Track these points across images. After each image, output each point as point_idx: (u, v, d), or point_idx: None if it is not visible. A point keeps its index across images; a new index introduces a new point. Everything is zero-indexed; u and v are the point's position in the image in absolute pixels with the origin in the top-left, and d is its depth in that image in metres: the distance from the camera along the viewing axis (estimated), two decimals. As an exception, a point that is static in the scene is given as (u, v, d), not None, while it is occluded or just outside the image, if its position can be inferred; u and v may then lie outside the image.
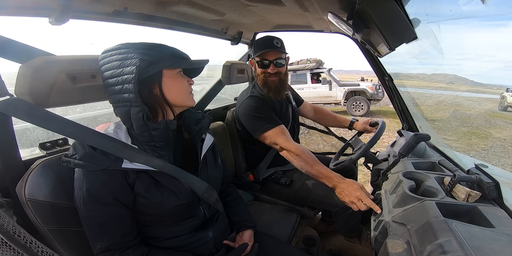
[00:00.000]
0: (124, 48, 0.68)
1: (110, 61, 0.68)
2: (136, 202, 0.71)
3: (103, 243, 0.67)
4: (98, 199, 0.66)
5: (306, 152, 1.22)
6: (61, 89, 0.67)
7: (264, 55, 1.32)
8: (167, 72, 0.72)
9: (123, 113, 0.69)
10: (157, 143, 0.73)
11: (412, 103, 1.58)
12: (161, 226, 0.77)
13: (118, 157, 0.67)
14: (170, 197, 0.73)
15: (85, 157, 0.64)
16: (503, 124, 7.75)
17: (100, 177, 0.65)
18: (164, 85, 0.72)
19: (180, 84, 0.75)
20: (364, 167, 1.44)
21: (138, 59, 0.65)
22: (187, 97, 0.78)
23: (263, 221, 1.24)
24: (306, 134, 5.29)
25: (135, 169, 0.68)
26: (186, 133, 0.87)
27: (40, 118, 0.62)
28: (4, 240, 0.32)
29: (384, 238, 0.70)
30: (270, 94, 1.37)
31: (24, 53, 0.66)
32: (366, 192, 1.02)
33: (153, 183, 0.72)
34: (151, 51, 0.68)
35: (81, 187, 0.65)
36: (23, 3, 0.71)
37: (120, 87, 0.66)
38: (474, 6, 0.74)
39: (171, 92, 0.73)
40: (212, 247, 0.84)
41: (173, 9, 1.13)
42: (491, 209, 0.67)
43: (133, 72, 0.64)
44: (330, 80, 8.63)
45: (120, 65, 0.66)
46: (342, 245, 1.53)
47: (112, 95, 0.69)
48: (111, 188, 0.66)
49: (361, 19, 0.92)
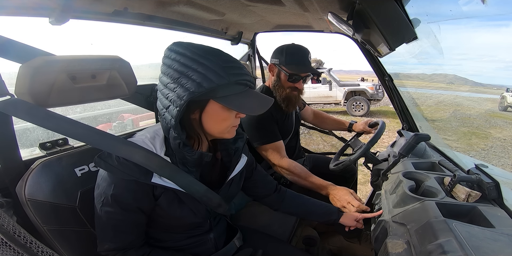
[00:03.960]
0: (189, 56, 0.60)
1: (171, 67, 0.61)
2: (155, 211, 0.70)
3: (112, 244, 0.67)
4: (121, 204, 0.65)
5: (298, 166, 1.27)
6: (61, 89, 0.67)
7: (297, 70, 1.28)
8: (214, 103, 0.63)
9: (164, 127, 0.67)
10: (188, 164, 0.70)
11: (412, 103, 1.58)
12: (167, 232, 0.77)
13: (148, 171, 0.64)
14: (189, 215, 0.73)
15: (118, 164, 0.62)
16: (503, 124, 7.76)
17: (128, 185, 0.64)
18: (205, 114, 0.65)
19: (224, 118, 0.67)
20: (364, 167, 1.44)
21: (196, 82, 0.58)
22: (227, 131, 0.70)
23: (263, 221, 1.24)
24: (306, 134, 5.29)
25: (163, 186, 0.66)
26: (219, 153, 0.81)
27: (41, 118, 0.62)
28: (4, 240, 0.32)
29: (384, 238, 0.70)
30: (289, 107, 1.34)
31: (24, 53, 0.66)
32: (355, 196, 1.10)
33: (176, 200, 0.70)
34: (214, 74, 0.58)
35: (107, 189, 0.64)
36: (23, 3, 0.71)
37: (167, 104, 0.62)
38: (474, 6, 0.74)
39: (210, 123, 0.67)
40: (212, 247, 0.84)
41: (173, 9, 1.13)
42: (491, 209, 0.67)
43: (183, 98, 0.58)
44: (330, 80, 8.64)
45: (177, 80, 0.60)
46: (342, 245, 1.53)
47: (158, 104, 0.66)
48: (136, 197, 0.65)
49: (361, 19, 0.92)
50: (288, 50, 1.29)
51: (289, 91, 1.31)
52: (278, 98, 1.34)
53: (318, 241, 1.26)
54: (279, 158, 1.28)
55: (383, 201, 0.89)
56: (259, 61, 2.08)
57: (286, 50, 1.29)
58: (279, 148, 1.31)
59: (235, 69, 0.62)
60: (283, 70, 1.28)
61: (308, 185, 1.22)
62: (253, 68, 2.07)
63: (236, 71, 0.62)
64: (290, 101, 1.33)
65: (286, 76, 1.29)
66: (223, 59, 0.62)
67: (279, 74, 1.31)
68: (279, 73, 1.31)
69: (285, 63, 1.27)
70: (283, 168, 1.27)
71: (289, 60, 1.27)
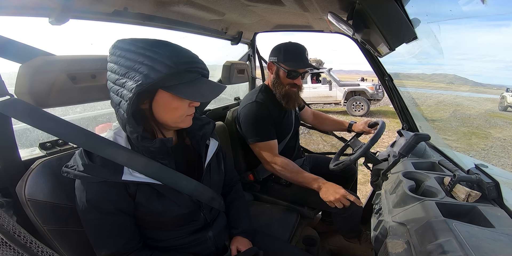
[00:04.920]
0: (134, 51, 0.60)
1: (118, 63, 0.61)
2: (138, 211, 0.71)
3: (107, 249, 0.68)
4: (99, 208, 0.65)
5: (291, 163, 1.31)
6: (61, 89, 0.67)
7: (295, 67, 1.30)
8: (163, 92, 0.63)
9: (122, 125, 0.67)
10: (156, 155, 0.70)
11: (412, 103, 1.58)
12: (161, 230, 0.77)
13: (117, 170, 0.64)
14: (172, 207, 0.73)
15: (84, 169, 0.62)
16: (503, 124, 7.76)
17: (99, 188, 0.64)
18: (155, 103, 0.65)
19: (174, 107, 0.66)
20: (364, 167, 1.44)
21: (143, 74, 0.57)
22: (180, 120, 0.69)
23: (263, 221, 1.24)
24: (306, 134, 5.29)
25: (135, 181, 0.66)
26: (187, 139, 0.81)
27: (39, 120, 0.62)
28: (4, 240, 0.32)
29: (384, 238, 0.70)
30: (289, 104, 1.35)
31: (24, 53, 0.66)
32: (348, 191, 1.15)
33: (154, 194, 0.70)
34: (160, 64, 0.58)
35: (82, 197, 0.65)
36: (23, 3, 0.71)
37: (118, 100, 0.62)
38: (474, 6, 0.74)
39: (161, 113, 0.66)
40: (212, 246, 0.84)
41: (173, 9, 1.13)
42: (491, 209, 0.67)
43: (132, 91, 0.57)
44: (330, 80, 8.63)
45: (125, 75, 0.60)
46: (342, 245, 1.53)
47: (112, 102, 0.65)
48: (111, 199, 0.66)
49: (361, 19, 0.92)
50: (286, 48, 1.32)
51: (288, 88, 1.33)
52: (278, 96, 1.36)
53: (318, 241, 1.26)
54: (272, 156, 1.31)
55: (383, 201, 0.89)
56: (259, 61, 2.08)
57: (284, 47, 1.32)
58: (273, 147, 1.32)
59: (185, 58, 0.62)
60: (282, 67, 1.31)
61: (301, 180, 1.26)
62: (253, 68, 2.07)
63: (186, 60, 0.62)
64: (290, 97, 1.35)
65: (284, 73, 1.31)
66: (171, 50, 0.61)
67: (277, 72, 1.34)
68: (278, 71, 1.33)
69: (283, 60, 1.30)
70: (276, 165, 1.30)
71: (287, 57, 1.30)
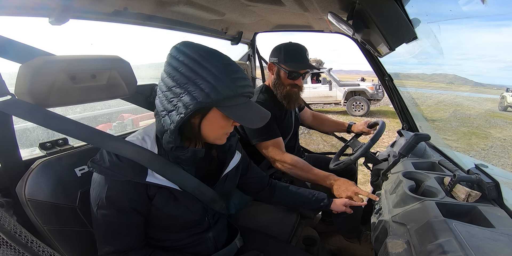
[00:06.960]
0: (199, 62, 0.59)
1: (178, 69, 0.60)
2: (150, 212, 0.71)
3: (112, 246, 0.68)
4: (116, 206, 0.65)
5: (300, 161, 1.28)
6: (61, 89, 0.67)
7: (296, 67, 1.30)
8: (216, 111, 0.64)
9: (159, 129, 0.67)
10: (183, 163, 0.71)
11: (412, 103, 1.58)
12: (164, 231, 0.77)
13: (142, 170, 0.65)
14: (185, 213, 0.73)
15: (110, 166, 0.63)
16: (503, 124, 7.76)
17: (122, 187, 0.65)
18: (205, 120, 0.66)
19: (222, 125, 0.68)
20: (364, 167, 1.44)
21: (204, 92, 0.58)
22: (220, 137, 0.72)
23: (263, 221, 1.24)
24: (306, 134, 5.29)
25: (157, 184, 0.67)
26: (214, 150, 0.83)
27: (41, 117, 0.62)
28: (5, 239, 0.32)
29: (384, 238, 0.70)
30: (290, 104, 1.35)
31: (24, 53, 0.66)
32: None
33: (172, 198, 0.71)
34: (223, 85, 0.59)
35: (101, 192, 0.65)
36: (23, 3, 0.71)
37: (170, 108, 0.61)
38: (474, 6, 0.74)
39: (209, 129, 0.68)
40: (212, 246, 0.84)
41: (173, 9, 1.13)
42: (491, 209, 0.67)
43: (190, 107, 0.58)
44: (330, 80, 8.63)
45: (184, 86, 0.59)
46: (342, 245, 1.53)
47: (158, 105, 0.65)
48: (131, 198, 0.66)
49: (361, 19, 0.92)
50: (286, 48, 1.31)
51: (289, 88, 1.33)
52: (279, 96, 1.35)
53: (318, 241, 1.26)
54: (281, 154, 1.29)
55: (383, 201, 0.89)
56: (259, 61, 2.08)
57: (284, 48, 1.31)
58: (280, 145, 1.31)
59: (242, 80, 0.63)
60: (282, 68, 1.30)
61: (312, 178, 1.23)
62: (253, 68, 2.07)
63: (243, 83, 0.63)
64: (290, 98, 1.35)
65: (285, 74, 1.31)
66: (234, 70, 0.62)
67: (278, 72, 1.33)
68: (279, 71, 1.33)
69: (284, 61, 1.30)
70: (285, 163, 1.27)
71: (287, 58, 1.29)
